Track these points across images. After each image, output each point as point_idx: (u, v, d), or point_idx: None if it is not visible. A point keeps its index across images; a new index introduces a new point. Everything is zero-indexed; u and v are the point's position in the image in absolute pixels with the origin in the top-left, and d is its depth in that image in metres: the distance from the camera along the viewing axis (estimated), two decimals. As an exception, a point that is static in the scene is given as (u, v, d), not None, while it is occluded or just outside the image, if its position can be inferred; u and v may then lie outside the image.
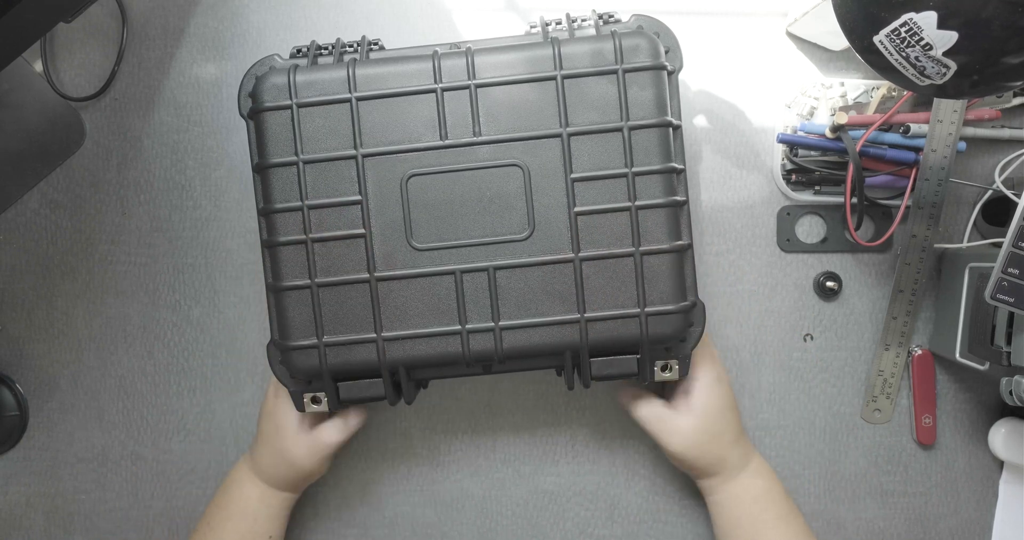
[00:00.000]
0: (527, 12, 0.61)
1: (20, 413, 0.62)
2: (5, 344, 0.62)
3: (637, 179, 0.47)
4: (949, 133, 0.57)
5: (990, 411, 0.62)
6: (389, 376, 0.50)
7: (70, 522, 0.62)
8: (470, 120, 0.48)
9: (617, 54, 0.47)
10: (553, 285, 0.48)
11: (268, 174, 0.49)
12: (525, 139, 0.48)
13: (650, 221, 0.48)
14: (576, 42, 0.48)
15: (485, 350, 0.48)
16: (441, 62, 0.48)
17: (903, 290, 0.60)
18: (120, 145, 0.62)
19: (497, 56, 0.48)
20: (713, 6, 0.61)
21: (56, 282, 0.62)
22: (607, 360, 0.50)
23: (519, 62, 0.48)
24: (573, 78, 0.47)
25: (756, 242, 0.61)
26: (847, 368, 0.62)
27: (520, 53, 0.48)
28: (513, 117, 0.48)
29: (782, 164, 0.60)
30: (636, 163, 0.47)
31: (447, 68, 0.48)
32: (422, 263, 0.48)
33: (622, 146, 0.47)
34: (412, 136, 0.48)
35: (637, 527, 0.62)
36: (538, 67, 0.47)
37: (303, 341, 0.49)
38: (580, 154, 0.48)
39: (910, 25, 0.40)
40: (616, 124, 0.47)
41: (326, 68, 0.49)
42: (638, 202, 0.48)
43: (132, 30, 0.61)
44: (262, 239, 0.50)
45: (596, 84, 0.47)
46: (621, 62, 0.47)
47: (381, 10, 0.61)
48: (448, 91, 0.48)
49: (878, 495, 0.62)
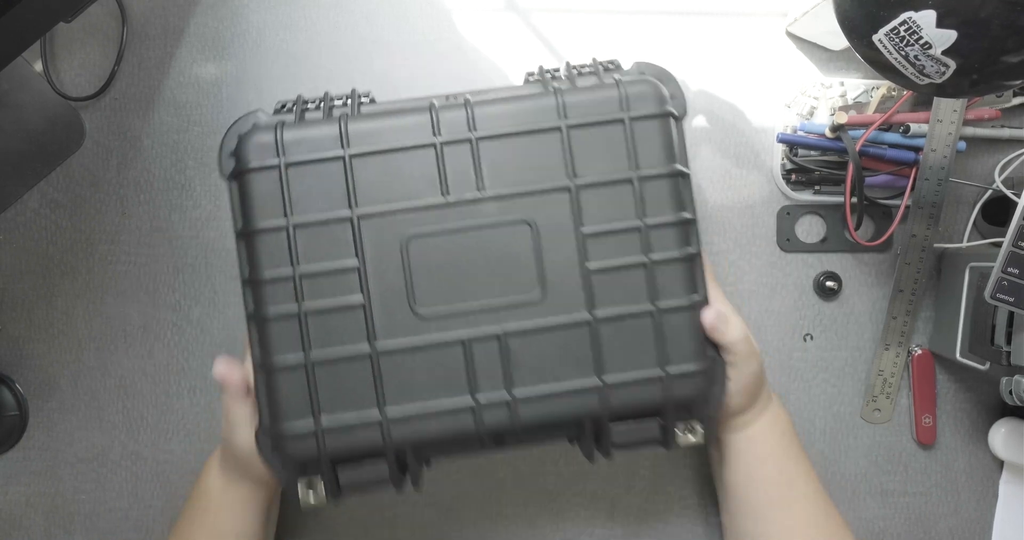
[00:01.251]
0: (527, 13, 0.61)
1: (20, 413, 0.62)
2: (5, 344, 0.62)
3: (651, 232, 0.45)
4: (949, 133, 0.57)
5: (990, 411, 0.62)
6: (395, 459, 0.45)
7: (70, 522, 0.62)
8: (472, 176, 0.44)
9: (622, 103, 0.45)
10: (569, 349, 0.44)
11: (255, 240, 0.44)
12: (532, 194, 0.44)
13: (666, 275, 0.45)
14: (579, 91, 0.46)
15: (499, 424, 0.44)
16: (439, 115, 0.44)
17: (903, 290, 0.60)
18: (120, 145, 0.62)
19: (498, 107, 0.45)
20: (713, 6, 0.61)
21: (56, 282, 0.62)
22: (628, 427, 0.46)
23: (521, 113, 0.45)
24: (578, 128, 0.44)
25: (756, 242, 0.61)
26: (847, 368, 0.62)
27: (522, 104, 0.45)
28: (518, 171, 0.44)
29: (782, 164, 0.60)
30: (648, 214, 0.45)
31: (446, 121, 0.44)
32: (427, 330, 0.44)
33: (632, 198, 0.45)
34: (411, 194, 0.44)
35: (637, 527, 0.62)
36: (541, 118, 0.45)
37: (299, 425, 0.43)
38: (590, 207, 0.45)
39: (909, 24, 0.40)
40: (625, 175, 0.44)
41: (316, 124, 0.45)
42: (653, 256, 0.45)
43: (132, 30, 0.61)
44: (248, 312, 0.45)
45: (602, 134, 0.45)
46: (627, 110, 0.45)
47: (381, 10, 0.61)
48: (448, 145, 0.44)
49: (878, 495, 0.62)
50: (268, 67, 0.61)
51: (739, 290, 0.61)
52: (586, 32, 0.61)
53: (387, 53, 0.62)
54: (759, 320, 0.61)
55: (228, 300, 0.62)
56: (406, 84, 0.61)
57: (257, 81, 0.61)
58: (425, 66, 0.62)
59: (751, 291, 0.61)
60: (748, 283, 0.61)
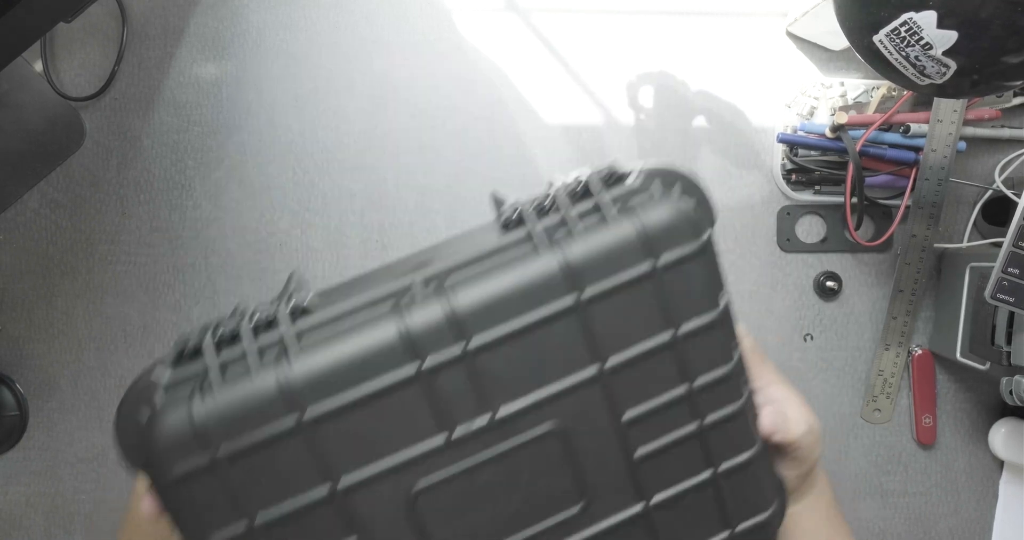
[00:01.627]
0: (527, 12, 0.61)
1: (20, 413, 0.62)
2: (5, 344, 0.62)
3: (700, 394, 0.35)
4: (949, 133, 0.57)
5: (990, 411, 0.62)
6: None
7: (70, 522, 0.62)
8: (475, 399, 0.33)
9: (646, 244, 0.32)
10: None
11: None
12: (553, 398, 0.33)
13: (722, 434, 0.36)
14: (584, 239, 0.32)
15: None
16: (411, 324, 0.31)
17: (903, 290, 0.60)
18: (120, 145, 0.62)
19: (484, 289, 0.32)
20: (713, 6, 0.61)
21: (56, 282, 0.62)
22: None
23: (519, 294, 0.32)
24: (598, 301, 0.32)
25: (756, 242, 0.61)
26: (847, 368, 0.62)
27: (516, 275, 0.32)
28: (530, 373, 0.33)
29: (782, 164, 0.60)
30: (695, 373, 0.34)
31: (423, 332, 0.31)
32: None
33: (675, 363, 0.34)
34: (403, 441, 0.32)
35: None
36: (546, 295, 0.32)
37: None
38: (624, 389, 0.34)
39: (910, 24, 0.40)
40: (662, 339, 0.34)
41: (240, 381, 0.31)
42: (706, 420, 0.35)
43: (132, 30, 0.61)
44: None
45: (627, 295, 0.33)
46: (655, 256, 0.32)
47: (381, 10, 0.61)
48: (435, 372, 0.32)
49: (878, 495, 0.62)
50: (268, 67, 0.61)
51: (739, 290, 0.61)
52: (586, 32, 0.61)
53: (387, 53, 0.62)
54: (759, 320, 0.61)
55: (228, 300, 0.62)
56: (406, 84, 0.61)
57: (257, 81, 0.61)
58: (425, 66, 0.62)
59: (751, 291, 0.61)
60: (748, 283, 0.61)
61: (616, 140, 0.61)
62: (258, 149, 0.61)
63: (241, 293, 0.62)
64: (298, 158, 0.61)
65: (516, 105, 0.61)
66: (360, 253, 0.61)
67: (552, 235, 0.33)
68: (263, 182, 0.61)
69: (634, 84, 0.61)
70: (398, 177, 0.61)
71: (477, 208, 0.61)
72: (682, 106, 0.61)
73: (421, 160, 0.61)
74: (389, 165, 0.61)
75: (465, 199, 0.61)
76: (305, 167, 0.61)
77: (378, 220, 0.61)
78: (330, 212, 0.61)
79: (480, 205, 0.62)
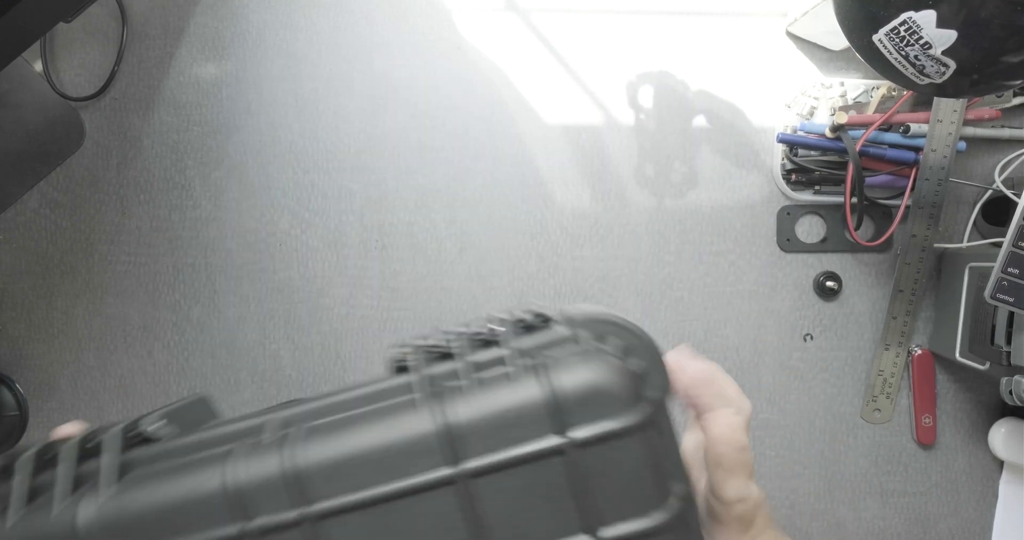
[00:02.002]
0: (527, 12, 0.61)
1: (20, 413, 0.62)
2: (5, 344, 0.62)
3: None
4: (949, 133, 0.57)
5: (990, 411, 0.62)
6: None
7: (70, 522, 0.62)
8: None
9: (553, 413, 0.24)
10: None
11: None
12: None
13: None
14: (473, 396, 0.24)
15: None
16: (238, 476, 0.24)
17: (903, 290, 0.60)
18: (120, 145, 0.62)
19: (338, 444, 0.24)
20: (713, 6, 0.61)
21: (56, 282, 0.62)
22: None
23: (377, 456, 0.24)
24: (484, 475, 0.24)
25: (756, 242, 0.61)
26: (847, 368, 0.62)
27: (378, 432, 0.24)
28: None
29: (782, 164, 0.60)
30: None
31: (251, 487, 0.24)
32: None
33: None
34: None
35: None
36: (416, 462, 0.24)
37: None
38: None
39: (909, 24, 0.40)
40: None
41: (39, 513, 0.24)
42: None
43: (132, 30, 0.61)
44: None
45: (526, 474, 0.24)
46: (563, 429, 0.24)
47: (381, 10, 0.61)
48: (264, 536, 0.24)
49: (878, 495, 0.62)
50: (268, 67, 0.61)
51: (739, 290, 0.61)
52: (586, 32, 0.61)
53: (387, 53, 0.62)
54: (759, 320, 0.61)
55: (228, 300, 0.62)
56: (406, 84, 0.61)
57: (257, 81, 0.61)
58: (425, 66, 0.62)
59: (751, 291, 0.61)
60: (748, 283, 0.61)
61: (616, 140, 0.61)
62: (258, 149, 0.61)
63: (241, 293, 0.62)
64: (298, 158, 0.61)
65: (516, 105, 0.61)
66: (360, 253, 0.61)
67: (439, 386, 0.26)
68: (263, 182, 0.61)
69: (634, 84, 0.61)
70: (398, 177, 0.61)
71: (477, 208, 0.62)
72: (682, 106, 0.61)
73: (421, 160, 0.61)
74: (389, 165, 0.61)
75: (465, 199, 0.62)
76: (305, 167, 0.61)
77: (378, 220, 0.61)
78: (330, 212, 0.61)
79: (480, 205, 0.62)
